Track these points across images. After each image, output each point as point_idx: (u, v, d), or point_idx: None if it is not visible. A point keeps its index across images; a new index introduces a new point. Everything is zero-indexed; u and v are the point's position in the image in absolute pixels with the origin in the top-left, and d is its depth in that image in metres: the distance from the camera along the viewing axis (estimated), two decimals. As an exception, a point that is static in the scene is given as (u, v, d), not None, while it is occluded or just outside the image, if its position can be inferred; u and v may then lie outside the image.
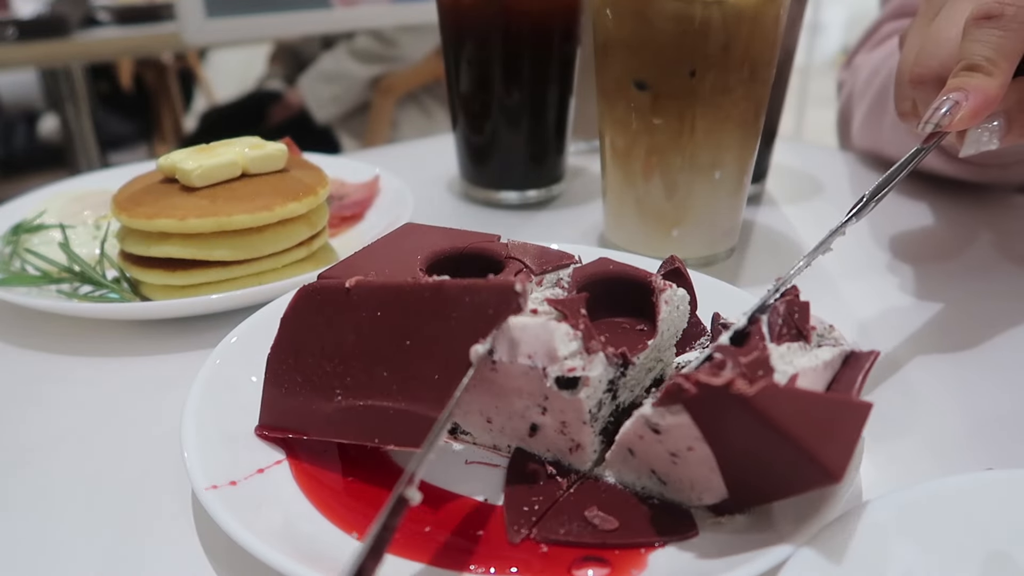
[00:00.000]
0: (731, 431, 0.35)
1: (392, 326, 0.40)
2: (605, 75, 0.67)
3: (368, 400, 0.41)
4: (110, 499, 0.44)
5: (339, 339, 0.42)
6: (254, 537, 0.34)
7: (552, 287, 0.47)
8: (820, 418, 0.33)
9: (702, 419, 0.35)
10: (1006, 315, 0.63)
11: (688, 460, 0.38)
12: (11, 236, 0.71)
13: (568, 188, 0.93)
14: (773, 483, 0.36)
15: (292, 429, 0.43)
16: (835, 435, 0.33)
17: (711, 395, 0.34)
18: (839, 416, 0.34)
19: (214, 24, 1.92)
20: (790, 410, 0.33)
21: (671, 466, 0.39)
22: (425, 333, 0.39)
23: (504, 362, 0.40)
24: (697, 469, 0.38)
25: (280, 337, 0.44)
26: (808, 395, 0.34)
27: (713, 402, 0.34)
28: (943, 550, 0.34)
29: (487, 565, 0.36)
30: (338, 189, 0.84)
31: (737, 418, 0.34)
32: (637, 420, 0.38)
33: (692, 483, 0.39)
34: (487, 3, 0.77)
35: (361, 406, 0.41)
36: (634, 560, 0.36)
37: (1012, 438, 0.48)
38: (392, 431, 0.40)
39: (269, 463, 0.42)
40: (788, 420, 0.33)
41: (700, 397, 0.34)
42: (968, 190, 0.92)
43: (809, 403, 0.34)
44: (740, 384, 0.33)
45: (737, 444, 0.35)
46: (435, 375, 0.38)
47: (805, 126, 4.13)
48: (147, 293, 0.63)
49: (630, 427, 0.39)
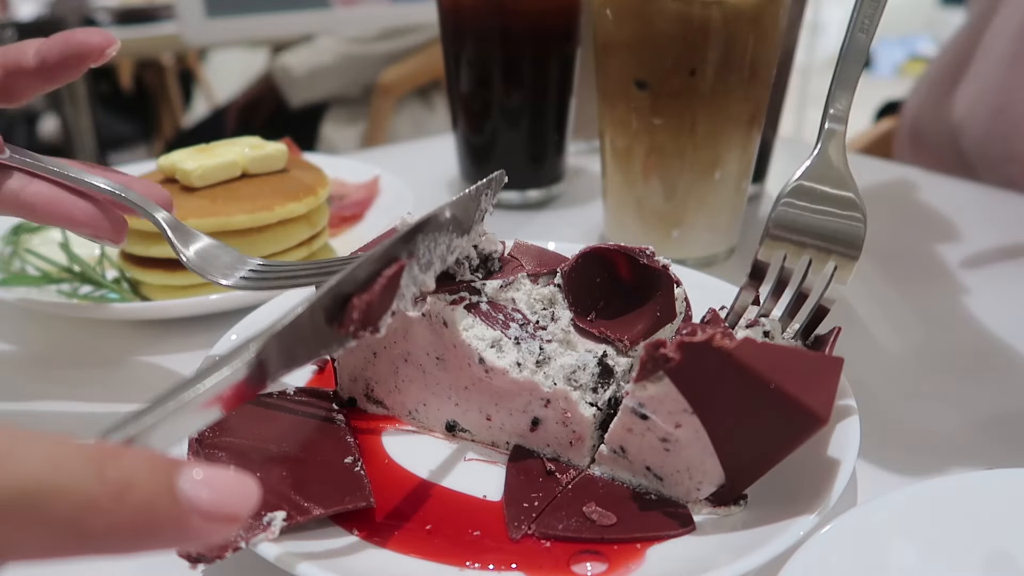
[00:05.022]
0: (716, 393, 0.36)
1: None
2: (605, 75, 0.67)
3: None
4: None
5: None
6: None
7: (547, 286, 0.47)
8: (798, 368, 0.35)
9: (686, 384, 0.36)
10: (1006, 315, 0.63)
11: (680, 443, 0.38)
12: (11, 236, 0.71)
13: (568, 188, 0.93)
14: (764, 443, 0.36)
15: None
16: (815, 382, 0.34)
17: (692, 355, 0.35)
18: (815, 367, 0.35)
19: (214, 24, 1.92)
20: (770, 361, 0.34)
21: (664, 456, 0.39)
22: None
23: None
24: (690, 452, 0.38)
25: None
26: (784, 349, 0.36)
27: (695, 363, 0.35)
28: (943, 550, 0.34)
29: (487, 561, 0.36)
30: (338, 189, 0.84)
31: (721, 376, 0.35)
32: (623, 411, 0.39)
33: (689, 471, 0.39)
34: (487, 3, 0.77)
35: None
36: (632, 555, 0.37)
37: (1012, 438, 0.48)
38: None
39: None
40: (770, 370, 0.34)
41: (682, 360, 0.35)
42: (968, 190, 0.92)
43: (786, 356, 0.35)
44: (720, 339, 0.34)
45: (723, 407, 0.36)
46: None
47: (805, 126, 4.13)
48: (147, 293, 0.63)
49: (617, 422, 0.40)
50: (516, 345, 0.43)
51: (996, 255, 0.75)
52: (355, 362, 0.48)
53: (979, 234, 0.79)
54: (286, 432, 0.43)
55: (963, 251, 0.75)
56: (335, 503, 0.37)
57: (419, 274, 0.38)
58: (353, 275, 0.33)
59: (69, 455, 0.20)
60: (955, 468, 0.45)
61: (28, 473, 0.20)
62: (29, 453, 0.20)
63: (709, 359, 0.34)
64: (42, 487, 0.20)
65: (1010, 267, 0.72)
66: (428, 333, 0.44)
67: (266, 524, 0.34)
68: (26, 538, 0.20)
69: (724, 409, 0.36)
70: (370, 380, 0.48)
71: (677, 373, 0.36)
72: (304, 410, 0.46)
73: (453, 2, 0.80)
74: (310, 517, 0.36)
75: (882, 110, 1.50)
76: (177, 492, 0.21)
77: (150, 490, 0.21)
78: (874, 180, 0.97)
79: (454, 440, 0.46)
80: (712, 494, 0.39)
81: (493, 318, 0.44)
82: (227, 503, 0.22)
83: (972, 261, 0.73)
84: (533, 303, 0.46)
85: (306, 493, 0.38)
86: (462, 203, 0.41)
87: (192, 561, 0.31)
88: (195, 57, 3.64)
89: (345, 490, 0.39)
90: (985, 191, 0.92)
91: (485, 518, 0.40)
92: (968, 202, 0.89)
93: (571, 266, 0.46)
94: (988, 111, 0.96)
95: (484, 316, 0.44)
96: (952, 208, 0.87)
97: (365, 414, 0.48)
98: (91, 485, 0.20)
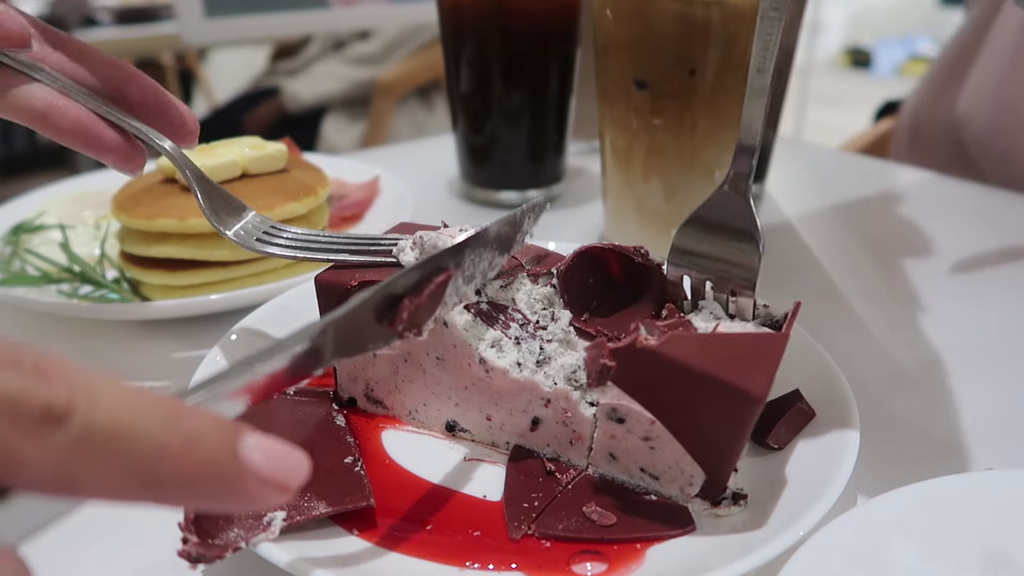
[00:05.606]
0: (660, 390, 0.37)
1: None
2: (605, 75, 0.67)
3: None
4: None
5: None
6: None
7: (547, 286, 0.47)
8: (729, 353, 0.36)
9: (631, 387, 0.37)
10: (1006, 315, 0.63)
11: (661, 439, 0.39)
12: (11, 236, 0.71)
13: (568, 188, 0.93)
14: (718, 431, 0.37)
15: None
16: (749, 364, 0.35)
17: (626, 359, 0.36)
18: (751, 349, 0.36)
19: (214, 24, 1.92)
20: (698, 351, 0.35)
21: (652, 454, 0.39)
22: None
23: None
24: (672, 447, 0.38)
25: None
26: (716, 337, 0.37)
27: (632, 366, 0.36)
28: (943, 550, 0.34)
29: (487, 561, 0.36)
30: (338, 189, 0.84)
31: (656, 373, 0.36)
32: (600, 420, 0.40)
33: (679, 465, 0.39)
34: (487, 3, 0.77)
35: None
36: (632, 555, 0.37)
37: (1012, 438, 0.48)
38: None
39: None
40: (699, 360, 0.35)
41: (619, 366, 0.36)
42: (968, 189, 0.92)
43: (718, 343, 0.36)
44: (643, 339, 0.35)
45: (671, 403, 0.37)
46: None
47: (805, 126, 4.13)
48: (147, 293, 0.63)
49: (599, 432, 0.40)
50: (516, 345, 0.43)
51: (996, 254, 0.75)
52: (355, 362, 0.48)
53: (979, 234, 0.79)
54: (286, 432, 0.43)
55: (963, 250, 0.75)
56: (335, 503, 0.37)
57: (462, 285, 0.40)
58: (405, 278, 0.35)
59: (146, 403, 0.21)
60: (955, 468, 0.45)
61: (108, 414, 0.21)
62: (110, 396, 0.21)
63: (641, 360, 0.36)
64: (120, 428, 0.21)
65: (1010, 267, 0.72)
66: (428, 333, 0.44)
67: (266, 524, 0.34)
68: (100, 476, 0.21)
69: (673, 405, 0.37)
70: (370, 380, 0.48)
71: (620, 378, 0.37)
72: (304, 410, 0.46)
73: (453, 2, 0.80)
74: (310, 517, 0.36)
75: (881, 110, 1.50)
76: (239, 452, 0.22)
77: (216, 446, 0.22)
78: (874, 180, 0.97)
79: (454, 440, 0.46)
80: (701, 489, 0.39)
81: (493, 318, 0.44)
82: (281, 471, 0.23)
83: (972, 260, 0.73)
84: (533, 303, 0.46)
85: (306, 493, 0.38)
86: (507, 223, 0.43)
87: (192, 561, 0.31)
88: (195, 57, 3.64)
89: (345, 490, 0.39)
90: (985, 191, 0.92)
91: (485, 518, 0.40)
92: (968, 202, 0.89)
93: (566, 266, 0.46)
94: (991, 106, 0.96)
95: (484, 316, 0.44)
96: (952, 208, 0.87)
97: (365, 414, 0.48)
98: (164, 433, 0.21)
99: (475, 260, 0.40)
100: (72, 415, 0.20)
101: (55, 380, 0.21)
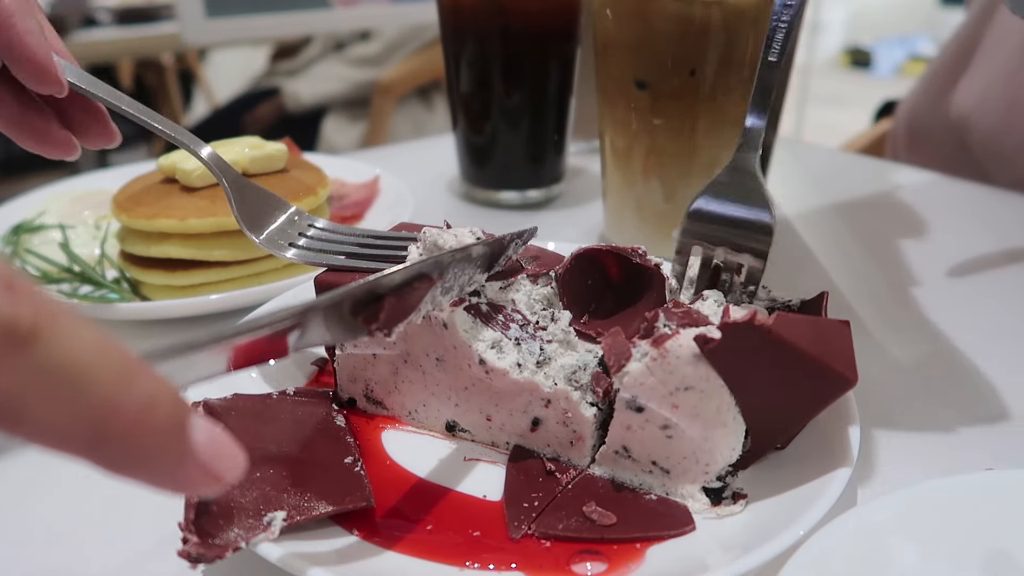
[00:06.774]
0: (752, 368, 0.37)
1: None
2: (605, 75, 0.67)
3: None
4: (110, 496, 0.44)
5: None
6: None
7: (547, 287, 0.47)
8: (823, 337, 0.37)
9: (723, 364, 0.37)
10: (1006, 315, 0.63)
11: (680, 425, 0.38)
12: (11, 236, 0.71)
13: (568, 188, 0.93)
14: (794, 409, 0.38)
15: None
16: (838, 348, 0.37)
17: (733, 335, 0.36)
18: (833, 333, 0.38)
19: (214, 24, 1.92)
20: (801, 332, 0.36)
21: (668, 444, 0.39)
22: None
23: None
24: (692, 432, 0.39)
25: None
26: (808, 319, 0.38)
27: (734, 343, 0.36)
28: (943, 550, 0.34)
29: (487, 561, 0.36)
30: (338, 189, 0.84)
31: (759, 352, 0.36)
32: (618, 411, 0.40)
33: (695, 454, 0.39)
34: (487, 3, 0.77)
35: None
36: (632, 555, 0.37)
37: (1012, 438, 0.48)
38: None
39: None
40: (804, 341, 0.36)
41: (722, 341, 0.36)
42: (968, 189, 0.92)
43: (811, 326, 0.37)
44: (760, 317, 0.36)
45: (758, 380, 0.37)
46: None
47: (805, 126, 4.13)
48: (147, 293, 0.63)
49: (615, 423, 0.40)
50: (516, 346, 0.43)
51: (996, 254, 0.75)
52: (355, 362, 0.48)
53: (979, 233, 0.79)
54: (286, 432, 0.43)
55: (963, 250, 0.75)
56: (335, 503, 0.37)
57: (439, 296, 0.40)
58: (388, 279, 0.36)
59: (111, 352, 0.21)
60: (955, 468, 0.45)
61: (71, 351, 0.20)
62: (81, 335, 0.20)
63: (749, 337, 0.36)
64: (81, 369, 0.20)
65: (1010, 266, 0.72)
66: (428, 334, 0.44)
67: (266, 524, 0.34)
68: (49, 414, 0.19)
69: (759, 382, 0.38)
70: (370, 381, 0.48)
71: (715, 354, 0.37)
72: (304, 410, 0.46)
73: (453, 2, 0.80)
74: (310, 517, 0.36)
75: (881, 110, 1.50)
76: (188, 431, 0.22)
77: (169, 418, 0.22)
78: (874, 180, 0.97)
79: (454, 440, 0.46)
80: (734, 463, 0.40)
81: (493, 319, 0.44)
82: (221, 461, 0.23)
83: (972, 260, 0.73)
84: (533, 303, 0.46)
85: (306, 493, 0.38)
86: (494, 245, 0.43)
87: (192, 561, 0.31)
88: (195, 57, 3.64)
89: (345, 490, 0.39)
90: (985, 191, 0.92)
91: (485, 518, 0.40)
92: (968, 202, 0.89)
93: (564, 269, 0.46)
94: (1000, 104, 0.96)
95: (484, 317, 0.44)
96: (952, 208, 0.87)
97: (365, 414, 0.48)
98: (122, 389, 0.20)
99: (457, 274, 0.41)
100: (34, 340, 0.19)
101: (22, 299, 0.19)
